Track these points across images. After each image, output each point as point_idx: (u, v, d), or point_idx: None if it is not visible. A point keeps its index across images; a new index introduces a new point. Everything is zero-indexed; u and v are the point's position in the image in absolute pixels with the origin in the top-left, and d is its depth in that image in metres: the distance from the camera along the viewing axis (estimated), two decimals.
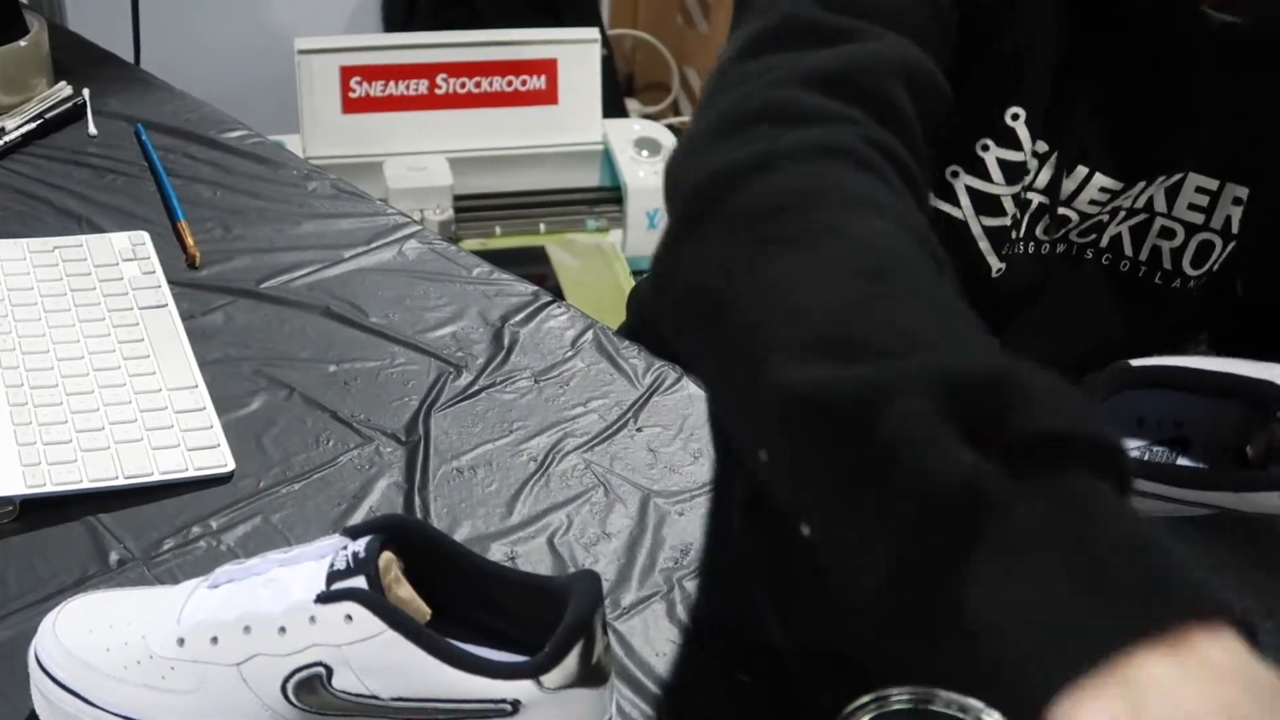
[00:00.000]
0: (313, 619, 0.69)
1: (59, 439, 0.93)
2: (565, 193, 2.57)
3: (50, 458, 0.91)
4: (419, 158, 2.42)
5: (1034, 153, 0.89)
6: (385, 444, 0.97)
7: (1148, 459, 0.83)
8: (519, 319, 1.11)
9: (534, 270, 2.40)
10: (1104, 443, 0.49)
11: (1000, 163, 0.89)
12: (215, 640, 0.71)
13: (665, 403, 1.04)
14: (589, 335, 1.10)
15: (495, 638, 0.74)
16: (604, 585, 0.74)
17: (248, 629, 0.70)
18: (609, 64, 2.69)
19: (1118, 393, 0.80)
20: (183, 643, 0.72)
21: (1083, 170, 0.91)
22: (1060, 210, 0.93)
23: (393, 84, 2.42)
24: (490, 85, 2.46)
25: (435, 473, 0.95)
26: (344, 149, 2.42)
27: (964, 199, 0.91)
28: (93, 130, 1.34)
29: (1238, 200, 0.93)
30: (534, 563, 0.89)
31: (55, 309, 1.06)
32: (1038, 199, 0.92)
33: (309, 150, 2.38)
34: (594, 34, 2.52)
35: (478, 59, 2.44)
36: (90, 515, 0.89)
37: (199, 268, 1.15)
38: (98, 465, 0.91)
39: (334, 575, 0.70)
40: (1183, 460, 0.82)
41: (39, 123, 1.32)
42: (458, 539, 0.80)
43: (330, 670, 0.69)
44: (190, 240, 1.16)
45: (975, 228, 0.91)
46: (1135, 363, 0.80)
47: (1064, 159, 0.91)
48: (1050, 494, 0.47)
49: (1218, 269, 0.96)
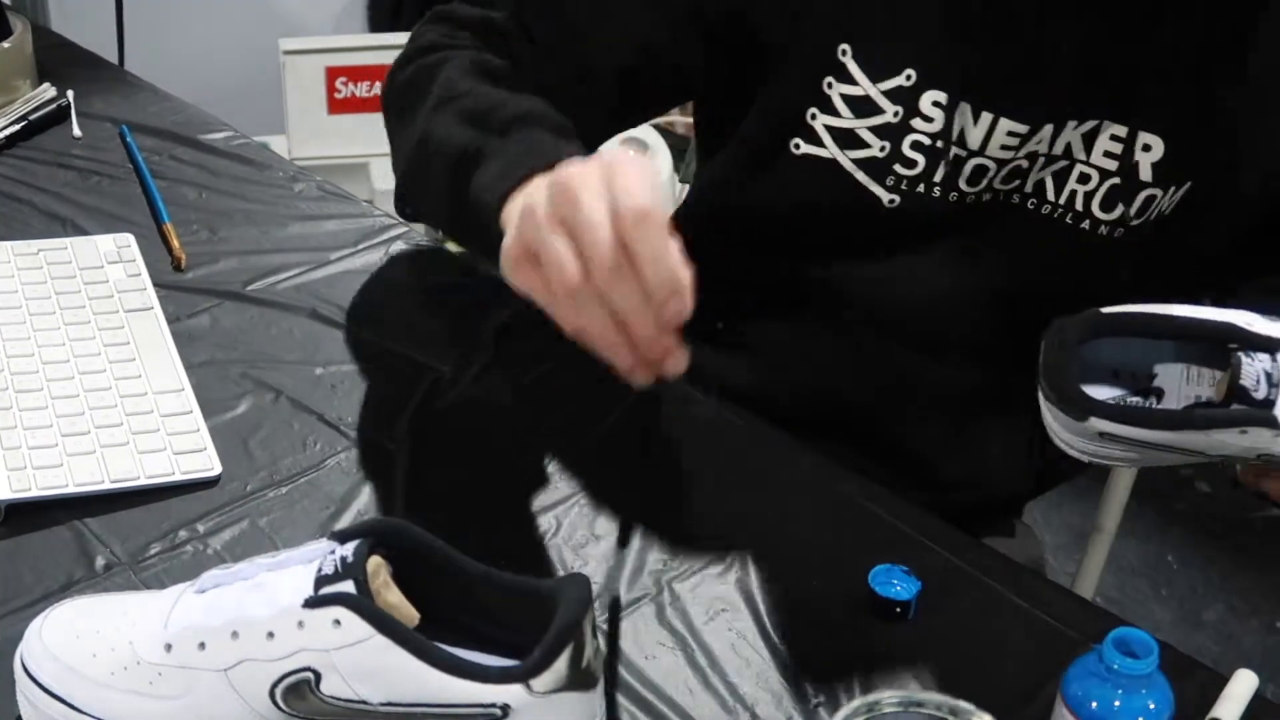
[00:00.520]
0: (301, 624, 0.69)
1: (44, 443, 0.92)
2: None
3: (35, 462, 0.91)
4: None
5: (882, 89, 0.95)
6: (373, 447, 0.97)
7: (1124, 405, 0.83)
8: (507, 321, 1.10)
9: None
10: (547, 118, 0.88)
11: (845, 98, 0.96)
12: (203, 646, 0.71)
13: (655, 406, 1.03)
14: None
15: (484, 642, 0.74)
16: (593, 588, 0.74)
17: (235, 634, 0.70)
18: None
19: (1090, 339, 0.81)
20: (170, 648, 0.71)
21: (987, 116, 0.94)
22: (976, 160, 0.96)
23: (378, 84, 2.41)
24: None
25: (423, 476, 0.95)
26: (330, 150, 2.41)
27: (826, 138, 0.98)
28: (77, 132, 1.34)
29: (1147, 147, 0.95)
30: (522, 566, 0.88)
31: (40, 312, 1.05)
32: (953, 150, 0.96)
33: (294, 151, 2.38)
34: None
35: None
36: (76, 520, 0.89)
37: (184, 270, 1.14)
38: (83, 469, 0.91)
39: (322, 580, 0.69)
40: (1160, 407, 0.82)
41: (23, 125, 1.32)
42: (445, 543, 0.80)
43: (319, 675, 0.69)
44: (176, 242, 1.16)
45: (845, 162, 0.98)
46: (1106, 310, 0.81)
47: (960, 105, 0.94)
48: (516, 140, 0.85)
49: (1134, 216, 0.98)
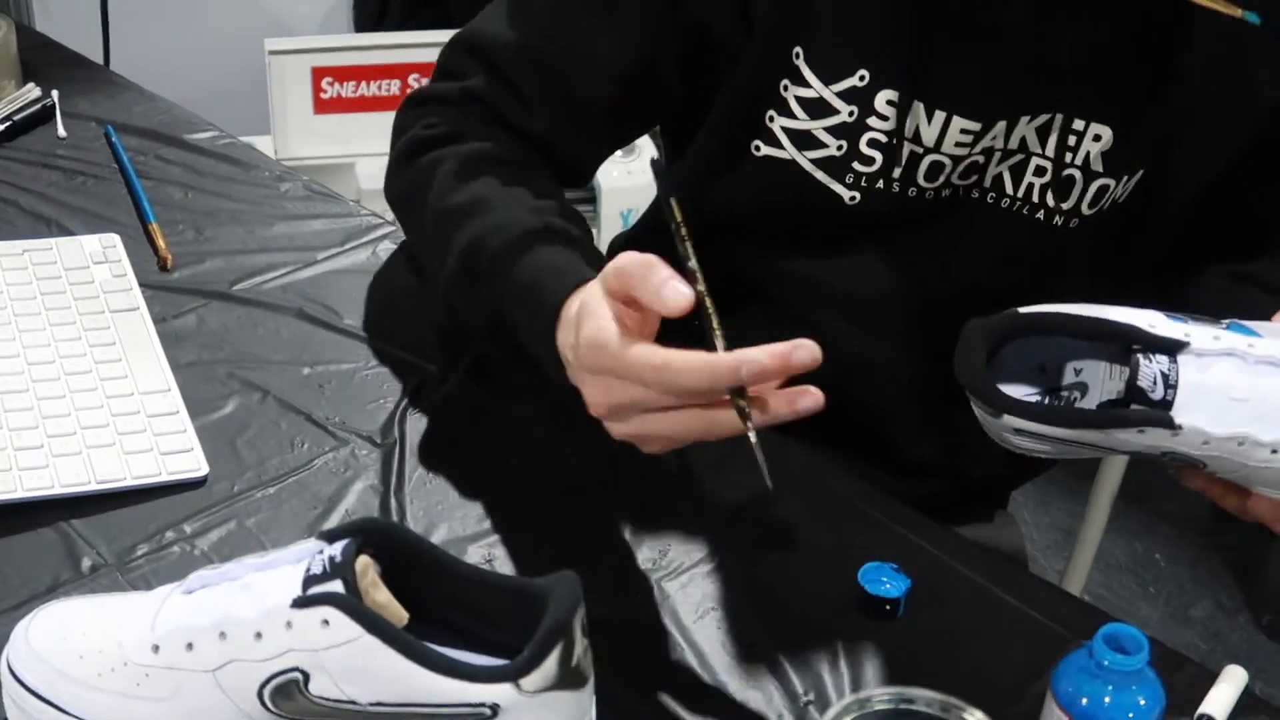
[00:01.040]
0: (289, 624, 0.68)
1: (30, 444, 0.92)
2: None
3: (21, 463, 0.90)
4: None
5: (835, 90, 0.96)
6: (361, 447, 0.97)
7: (1045, 402, 0.86)
8: None
9: None
10: (557, 227, 0.89)
11: (799, 100, 0.97)
12: (190, 646, 0.70)
13: None
14: None
15: (474, 641, 0.73)
16: (583, 587, 0.73)
17: (223, 635, 0.70)
18: None
19: (1008, 338, 0.83)
20: (157, 649, 0.71)
21: (940, 115, 0.96)
22: (933, 156, 0.97)
23: (364, 84, 2.40)
24: None
25: (411, 475, 0.95)
26: (316, 150, 2.40)
27: (784, 139, 0.99)
28: (62, 132, 1.33)
29: (1097, 137, 0.97)
30: (511, 565, 0.88)
31: (25, 313, 1.05)
32: (908, 147, 0.97)
33: (280, 151, 2.37)
34: None
35: None
36: (62, 521, 0.88)
37: (171, 270, 1.14)
38: (70, 470, 0.91)
39: (310, 580, 0.69)
40: (1083, 403, 0.84)
41: (7, 125, 1.31)
42: (434, 542, 0.80)
43: (307, 676, 0.69)
44: (162, 242, 1.15)
45: (804, 163, 0.99)
46: (1022, 310, 0.84)
47: (914, 104, 0.95)
48: (507, 281, 0.87)
49: (1088, 206, 0.99)
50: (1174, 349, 0.80)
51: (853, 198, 0.99)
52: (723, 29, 0.97)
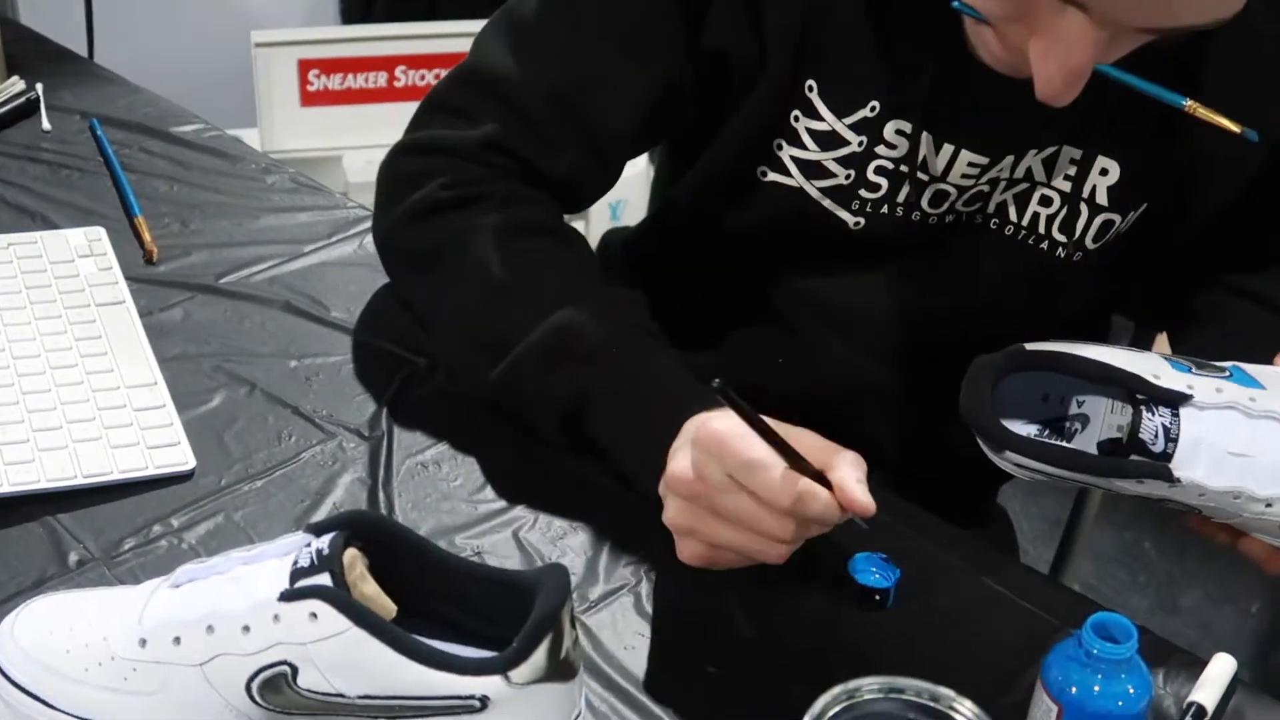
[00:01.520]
0: (276, 617, 0.68)
1: (16, 438, 0.92)
2: None
3: (7, 458, 0.90)
4: (379, 151, 2.40)
5: (847, 122, 0.95)
6: (348, 440, 0.96)
7: (1044, 435, 0.86)
8: None
9: None
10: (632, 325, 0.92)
11: (810, 132, 0.96)
12: (178, 640, 0.70)
13: None
14: None
15: (462, 634, 0.73)
16: (571, 579, 0.73)
17: (211, 628, 0.69)
18: None
19: (1010, 373, 0.84)
20: (145, 643, 0.71)
21: (949, 148, 0.95)
22: (938, 185, 0.97)
23: (351, 76, 2.40)
24: None
25: (399, 468, 0.94)
26: (303, 142, 2.40)
27: (792, 168, 0.98)
28: (46, 126, 1.32)
29: (1104, 171, 0.96)
30: (500, 557, 0.88)
31: (10, 307, 1.04)
32: (916, 174, 0.96)
33: (267, 144, 2.36)
34: None
35: (437, 51, 2.42)
36: (49, 515, 0.88)
37: (157, 263, 1.13)
38: (56, 465, 0.90)
39: (298, 573, 0.69)
40: (1084, 435, 0.85)
41: None
42: (423, 534, 0.79)
43: (295, 669, 0.68)
44: (148, 235, 1.15)
45: (811, 191, 0.98)
46: (1029, 346, 0.84)
47: (923, 136, 0.95)
48: (611, 374, 0.89)
49: (1093, 241, 0.99)
50: (1177, 402, 0.81)
51: (857, 223, 0.99)
52: (740, 57, 0.95)
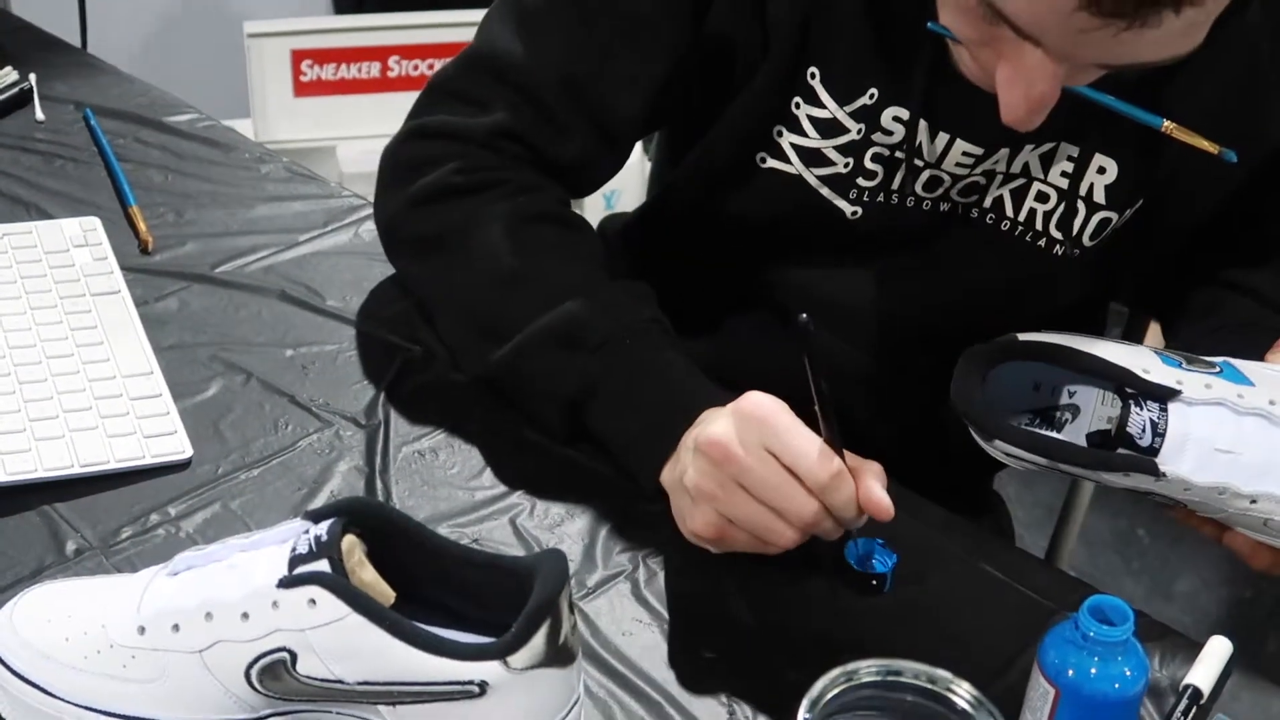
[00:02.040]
0: (275, 604, 0.68)
1: (13, 428, 0.92)
2: None
3: (4, 447, 0.90)
4: (373, 141, 2.40)
5: (848, 110, 0.95)
6: (345, 428, 0.96)
7: (1035, 424, 0.87)
8: None
9: None
10: (638, 323, 0.92)
11: (811, 119, 0.96)
12: (176, 628, 0.70)
13: None
14: None
15: (461, 620, 0.73)
16: (569, 565, 0.73)
17: (209, 615, 0.70)
18: None
19: (1001, 363, 0.84)
20: (143, 631, 0.71)
21: (944, 136, 0.95)
22: (932, 171, 0.97)
23: (345, 67, 2.39)
24: None
25: (396, 456, 0.94)
26: (296, 133, 2.39)
27: (792, 155, 0.98)
28: (40, 116, 1.32)
29: (1101, 169, 0.96)
30: (497, 544, 0.88)
31: (6, 297, 1.04)
32: (911, 160, 0.96)
33: (261, 135, 2.36)
34: None
35: (430, 40, 2.42)
36: (46, 504, 0.88)
37: (152, 253, 1.13)
38: (53, 454, 0.90)
39: (296, 559, 0.69)
40: (1074, 425, 0.86)
41: None
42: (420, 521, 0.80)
43: (294, 655, 0.69)
44: (142, 225, 1.15)
45: (810, 179, 0.98)
46: (1022, 337, 0.85)
47: (920, 123, 0.95)
48: (619, 364, 0.90)
49: (1090, 238, 0.99)
50: (1166, 397, 0.81)
51: (854, 212, 0.99)
52: (743, 43, 0.96)
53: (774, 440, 0.79)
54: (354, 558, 0.70)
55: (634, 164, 2.30)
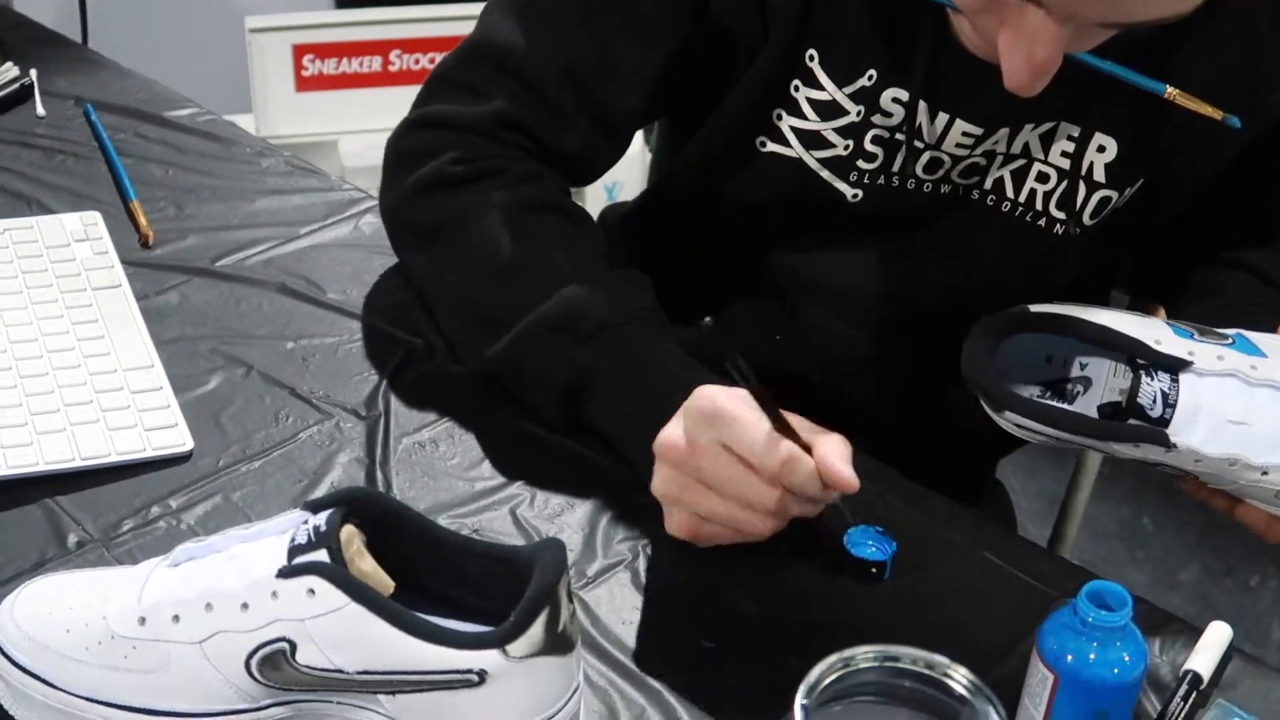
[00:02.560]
0: (275, 594, 0.69)
1: (14, 421, 0.92)
2: None
3: (5, 440, 0.90)
4: (374, 135, 2.40)
5: (847, 92, 0.95)
6: (345, 420, 0.97)
7: (1046, 396, 0.87)
8: None
9: None
10: (636, 312, 0.92)
11: (810, 101, 0.97)
12: (177, 619, 0.70)
13: None
14: None
15: (460, 609, 0.73)
16: (568, 555, 0.74)
17: (209, 606, 0.70)
18: None
19: (1014, 334, 0.84)
20: (144, 622, 0.71)
21: (944, 116, 0.95)
22: (932, 153, 0.97)
23: (346, 61, 2.39)
24: None
25: (396, 447, 0.95)
26: (298, 128, 2.40)
27: (792, 138, 0.98)
28: (41, 111, 1.32)
29: (1101, 148, 0.96)
30: (497, 535, 0.88)
31: (7, 291, 1.04)
32: (911, 141, 0.96)
33: (262, 129, 2.36)
34: None
35: (432, 35, 2.42)
36: (47, 498, 0.88)
37: (152, 247, 1.13)
38: (54, 447, 0.90)
39: (295, 550, 0.69)
40: (1086, 397, 0.86)
41: None
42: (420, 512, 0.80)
43: (294, 645, 0.69)
44: (143, 220, 1.15)
45: (810, 162, 0.99)
46: (1034, 307, 0.85)
47: (920, 104, 0.94)
48: (616, 353, 0.90)
49: (1090, 217, 0.99)
50: (1177, 368, 0.81)
51: (855, 195, 0.99)
52: (742, 29, 0.96)
53: (725, 433, 0.79)
54: (353, 547, 0.70)
55: (635, 155, 2.30)
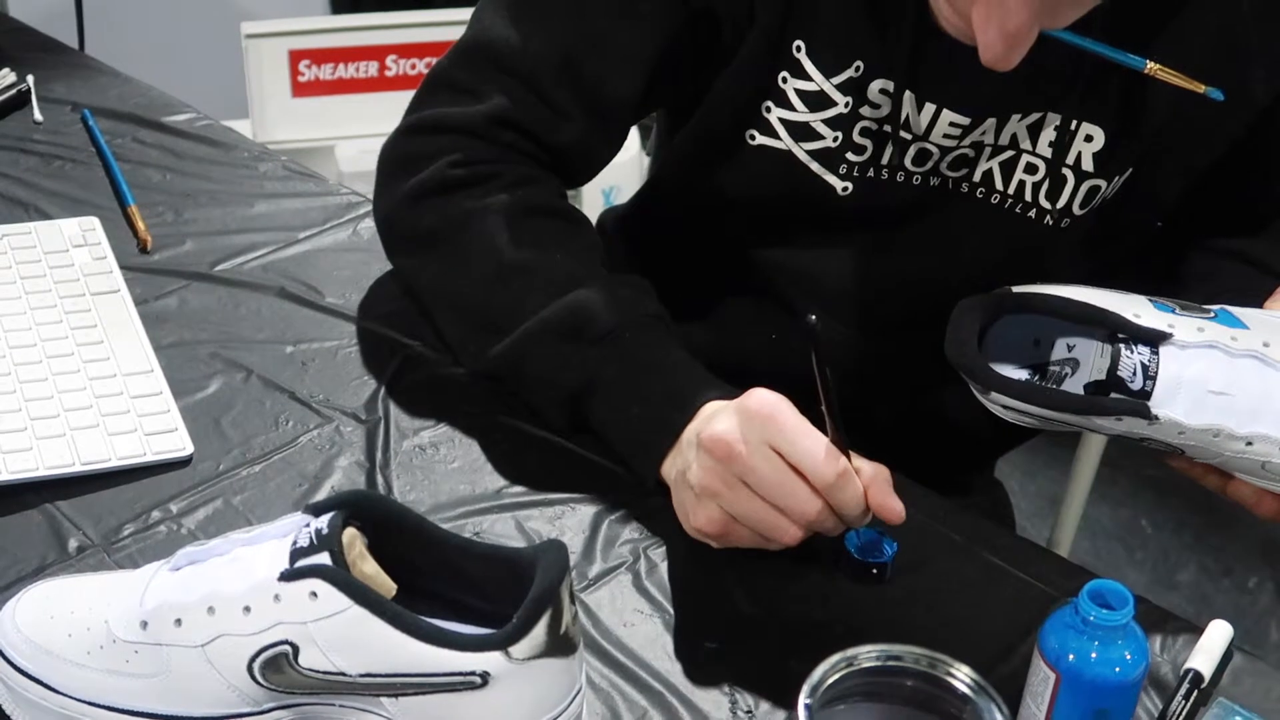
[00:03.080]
0: (277, 597, 0.69)
1: (14, 427, 0.92)
2: None
3: (5, 446, 0.90)
4: (371, 140, 2.40)
5: (834, 82, 0.96)
6: (345, 423, 0.97)
7: (1033, 379, 0.87)
8: None
9: None
10: (641, 316, 0.92)
11: (799, 93, 0.97)
12: (179, 622, 0.70)
13: None
14: None
15: (462, 611, 0.73)
16: (570, 557, 0.74)
17: (211, 609, 0.70)
18: None
19: (997, 316, 0.85)
20: (146, 626, 0.71)
21: (931, 107, 0.95)
22: (920, 144, 0.97)
23: (342, 66, 2.39)
24: None
25: (396, 450, 0.95)
26: (295, 133, 2.39)
27: (781, 131, 0.99)
28: (38, 117, 1.32)
29: (1089, 138, 0.96)
30: (499, 537, 0.89)
31: (6, 297, 1.04)
32: (899, 133, 0.97)
33: (259, 135, 2.36)
34: None
35: (428, 39, 2.42)
36: (48, 503, 0.88)
37: (151, 252, 1.13)
38: (54, 452, 0.90)
39: (297, 552, 0.69)
40: (1074, 379, 0.86)
41: None
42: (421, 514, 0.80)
43: (296, 648, 0.69)
44: (141, 225, 1.15)
45: (799, 154, 0.99)
46: (1015, 288, 0.86)
47: (905, 95, 0.95)
48: (621, 358, 0.90)
49: (1080, 207, 0.99)
50: (1157, 340, 0.81)
51: (845, 188, 0.99)
52: (730, 18, 0.96)
53: (779, 438, 0.79)
54: (355, 550, 0.70)
55: (632, 160, 2.30)
